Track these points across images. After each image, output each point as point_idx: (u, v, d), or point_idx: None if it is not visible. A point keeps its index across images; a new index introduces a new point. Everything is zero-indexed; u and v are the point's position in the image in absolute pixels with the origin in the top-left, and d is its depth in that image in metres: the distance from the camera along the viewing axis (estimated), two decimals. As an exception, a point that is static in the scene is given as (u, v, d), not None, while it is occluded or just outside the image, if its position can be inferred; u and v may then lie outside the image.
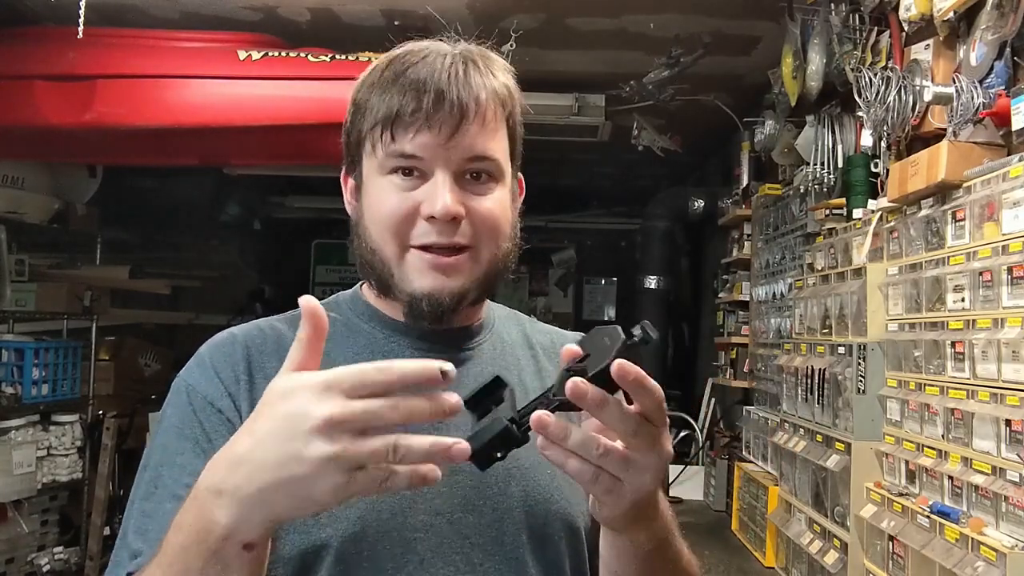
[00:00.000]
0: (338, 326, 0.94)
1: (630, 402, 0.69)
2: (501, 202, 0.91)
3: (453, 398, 0.62)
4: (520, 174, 0.99)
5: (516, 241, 0.95)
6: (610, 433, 0.69)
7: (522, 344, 1.02)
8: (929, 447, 1.92)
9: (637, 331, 0.69)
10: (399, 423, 0.61)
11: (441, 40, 0.92)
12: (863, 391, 2.21)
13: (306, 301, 0.66)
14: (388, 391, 0.61)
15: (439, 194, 0.85)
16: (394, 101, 0.86)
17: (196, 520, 0.65)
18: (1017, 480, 1.58)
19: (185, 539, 0.66)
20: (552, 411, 0.67)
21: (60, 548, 3.85)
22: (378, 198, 0.88)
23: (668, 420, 0.72)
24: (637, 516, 0.74)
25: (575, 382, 0.65)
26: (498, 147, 0.90)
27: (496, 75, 0.90)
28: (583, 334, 1.10)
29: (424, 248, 0.87)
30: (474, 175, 0.88)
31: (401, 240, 0.88)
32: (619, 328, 0.69)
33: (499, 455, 0.67)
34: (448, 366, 0.61)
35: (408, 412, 0.61)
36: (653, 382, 0.68)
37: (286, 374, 0.64)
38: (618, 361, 0.66)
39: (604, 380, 0.66)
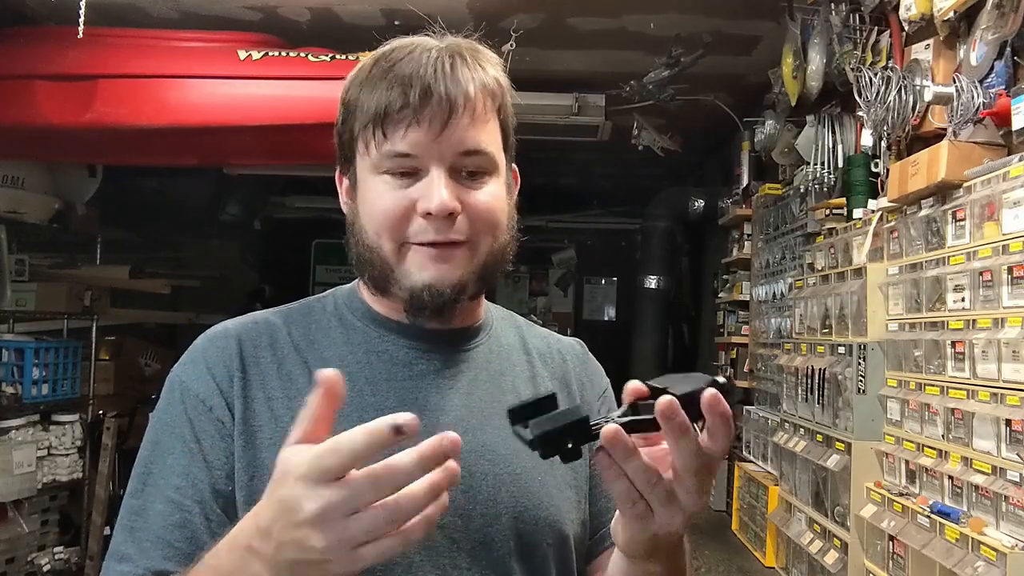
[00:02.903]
0: (332, 320, 0.95)
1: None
2: (496, 195, 0.90)
3: (445, 443, 0.60)
4: (515, 166, 0.98)
5: (513, 233, 0.94)
6: (662, 464, 0.68)
7: (519, 349, 1.01)
8: (929, 447, 1.92)
9: (720, 378, 0.67)
10: (390, 494, 0.60)
11: (429, 35, 0.91)
12: (863, 391, 2.21)
13: (325, 374, 0.63)
14: (347, 469, 0.59)
15: (434, 191, 0.85)
16: (382, 98, 0.85)
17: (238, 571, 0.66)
18: (1017, 480, 1.58)
19: None
20: (626, 429, 0.65)
21: (60, 548, 3.84)
22: (374, 197, 0.88)
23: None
24: (656, 551, 0.74)
25: (669, 401, 0.63)
26: (490, 139, 0.89)
27: (484, 68, 0.90)
28: (579, 340, 1.09)
29: (422, 245, 0.87)
30: (468, 170, 0.88)
31: (398, 238, 0.87)
32: (703, 374, 0.67)
33: (569, 444, 0.64)
34: (403, 418, 0.59)
35: (392, 485, 0.59)
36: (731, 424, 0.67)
37: (289, 447, 0.62)
38: (712, 390, 0.64)
39: (688, 407, 0.65)
